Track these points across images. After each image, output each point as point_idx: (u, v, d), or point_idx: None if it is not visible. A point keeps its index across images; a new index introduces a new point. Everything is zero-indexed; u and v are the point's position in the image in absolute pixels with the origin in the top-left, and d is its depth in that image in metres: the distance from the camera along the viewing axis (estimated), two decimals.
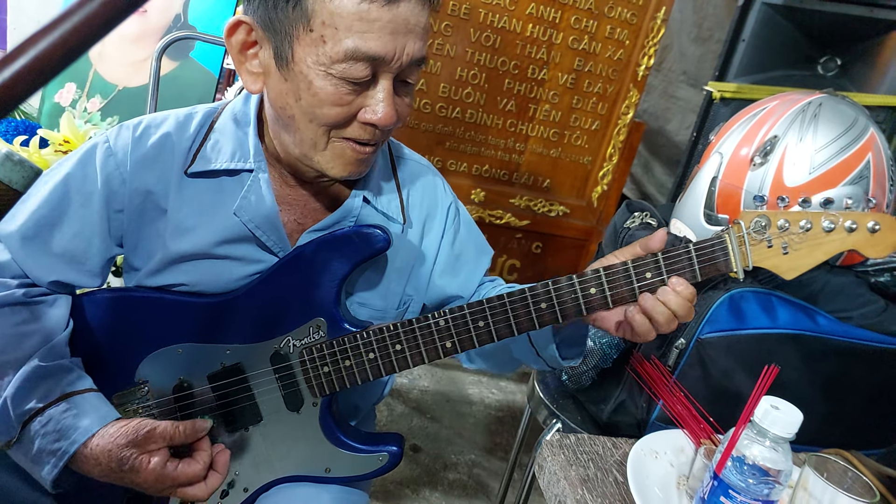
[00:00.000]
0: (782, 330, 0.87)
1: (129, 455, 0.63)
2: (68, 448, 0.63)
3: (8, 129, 1.42)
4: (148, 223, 0.73)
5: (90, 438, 0.63)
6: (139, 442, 0.64)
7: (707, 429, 0.77)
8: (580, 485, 0.69)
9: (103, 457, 0.63)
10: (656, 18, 1.92)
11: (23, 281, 0.71)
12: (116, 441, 0.63)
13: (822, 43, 1.77)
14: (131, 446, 0.64)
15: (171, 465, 0.65)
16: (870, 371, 0.91)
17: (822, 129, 0.94)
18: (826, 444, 0.87)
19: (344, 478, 0.75)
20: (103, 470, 0.63)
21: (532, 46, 1.86)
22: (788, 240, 0.64)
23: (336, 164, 0.68)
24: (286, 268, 0.72)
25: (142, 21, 1.59)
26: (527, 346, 0.76)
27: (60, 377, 0.66)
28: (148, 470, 0.63)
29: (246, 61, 0.66)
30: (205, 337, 0.73)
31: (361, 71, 0.61)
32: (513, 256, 2.14)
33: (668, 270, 0.65)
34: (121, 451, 0.63)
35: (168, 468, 0.64)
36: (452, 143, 1.94)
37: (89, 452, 0.63)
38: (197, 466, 0.66)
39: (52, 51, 0.28)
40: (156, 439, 0.65)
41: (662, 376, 0.88)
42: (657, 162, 2.96)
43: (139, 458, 0.63)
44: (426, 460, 1.75)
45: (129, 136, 0.72)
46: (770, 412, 0.59)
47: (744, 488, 0.59)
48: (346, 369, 0.71)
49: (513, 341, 0.78)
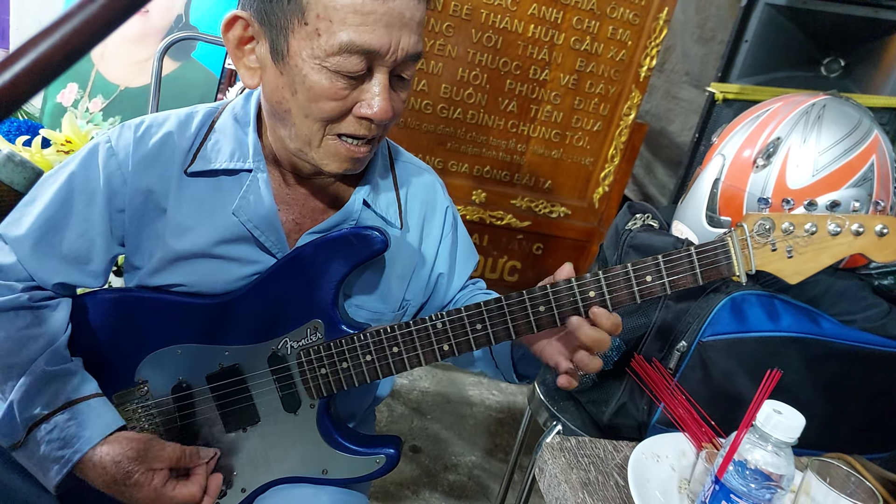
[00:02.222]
0: (785, 333, 0.87)
1: (135, 469, 0.65)
2: (72, 457, 0.64)
3: (10, 129, 1.42)
4: (149, 223, 0.73)
5: (96, 447, 0.65)
6: (147, 459, 0.66)
7: (708, 432, 0.77)
8: (581, 488, 0.68)
9: (111, 466, 0.65)
10: (658, 19, 1.91)
11: (27, 284, 0.71)
12: (126, 454, 0.65)
13: (825, 44, 1.77)
14: (140, 461, 0.65)
15: (170, 486, 0.67)
16: (873, 375, 0.91)
17: (826, 130, 0.93)
18: (829, 448, 0.86)
19: (341, 479, 0.75)
20: (107, 479, 0.65)
21: (534, 47, 1.86)
22: (793, 243, 0.64)
23: (331, 160, 0.68)
24: (284, 269, 0.72)
25: (143, 21, 1.59)
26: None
27: (65, 381, 0.67)
28: (150, 487, 0.65)
29: (243, 56, 0.67)
30: (204, 338, 0.73)
31: (356, 64, 0.61)
32: (514, 257, 2.14)
33: (669, 273, 0.64)
34: (129, 465, 0.65)
35: (167, 488, 0.66)
36: (454, 144, 1.94)
37: (97, 460, 0.65)
38: (194, 488, 0.68)
39: (54, 52, 0.28)
40: (162, 459, 0.67)
41: (664, 379, 0.87)
42: (659, 163, 2.95)
43: (144, 475, 0.65)
44: (426, 461, 1.74)
45: (130, 136, 0.72)
46: (772, 416, 0.58)
47: (745, 493, 0.58)
48: (344, 371, 0.71)
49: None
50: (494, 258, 2.12)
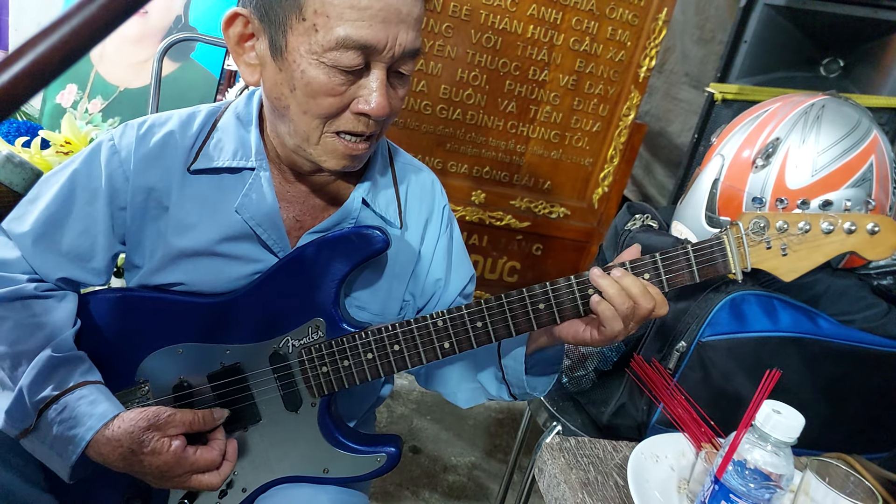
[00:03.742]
0: (784, 333, 0.87)
1: (150, 437, 0.64)
2: (85, 434, 0.63)
3: (10, 130, 1.42)
4: (150, 221, 0.74)
5: (109, 422, 0.64)
6: (161, 425, 0.65)
7: (708, 432, 0.77)
8: (580, 488, 0.68)
9: (125, 438, 0.64)
10: (658, 20, 1.92)
11: (32, 276, 0.72)
12: (138, 424, 0.64)
13: (824, 44, 1.77)
14: (153, 429, 0.65)
15: (190, 450, 0.66)
16: (872, 374, 0.91)
17: (825, 131, 0.93)
18: (828, 447, 0.86)
19: (342, 478, 0.75)
20: (123, 453, 0.64)
21: (533, 48, 1.86)
22: (787, 241, 0.64)
23: (329, 157, 0.68)
24: (285, 268, 0.72)
25: (143, 22, 1.59)
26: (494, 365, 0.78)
27: (74, 366, 0.67)
28: (169, 452, 0.64)
29: (243, 53, 0.67)
30: (205, 337, 0.73)
31: (353, 59, 0.62)
32: (513, 258, 2.14)
33: (667, 271, 0.64)
34: (143, 434, 0.64)
35: (188, 452, 0.66)
36: (453, 145, 1.94)
37: (111, 434, 0.64)
38: (214, 453, 0.68)
39: (53, 53, 0.28)
40: (176, 424, 0.66)
41: (663, 379, 0.87)
42: (658, 164, 2.95)
43: (161, 441, 0.64)
44: (426, 462, 1.74)
45: (133, 135, 0.73)
46: (771, 416, 0.59)
47: (745, 493, 0.58)
48: (345, 369, 0.71)
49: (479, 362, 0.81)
50: (494, 259, 2.12)
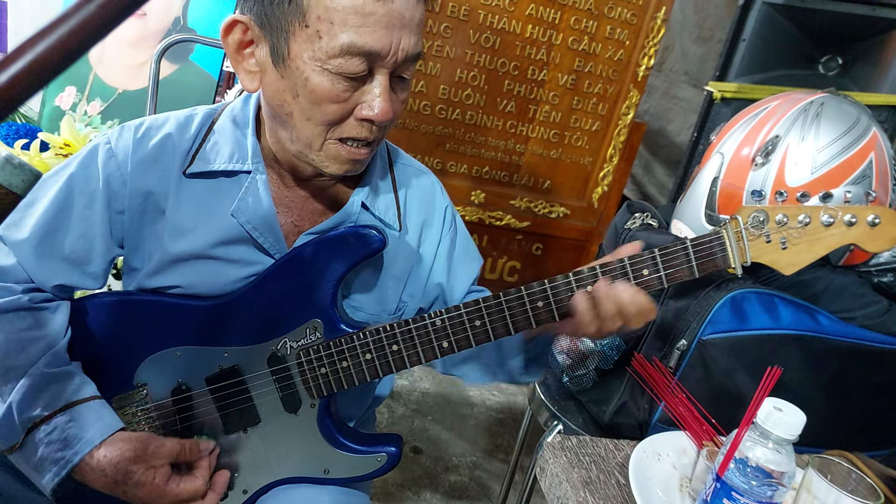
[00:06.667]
0: (785, 330, 0.87)
1: (135, 469, 0.65)
2: (72, 458, 0.63)
3: (9, 132, 1.42)
4: (148, 224, 0.73)
5: (95, 449, 0.64)
6: (147, 457, 0.66)
7: (709, 430, 0.77)
8: (582, 487, 0.68)
9: (110, 468, 0.64)
10: (656, 18, 1.92)
11: (27, 286, 0.71)
12: (124, 454, 0.65)
13: (823, 42, 1.77)
14: (139, 461, 0.65)
15: (173, 482, 0.67)
16: (873, 372, 0.90)
17: (824, 128, 0.93)
18: (829, 445, 0.86)
19: (343, 479, 0.75)
20: (107, 481, 0.64)
21: (532, 47, 1.86)
22: (787, 234, 0.64)
23: (332, 163, 0.68)
24: (282, 269, 0.72)
25: (141, 24, 1.59)
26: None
27: (65, 383, 0.67)
28: (152, 485, 0.65)
29: (243, 60, 0.67)
30: (202, 340, 0.73)
31: (357, 66, 0.61)
32: (513, 258, 2.14)
33: (666, 267, 0.64)
34: (128, 465, 0.64)
35: (170, 484, 0.66)
36: (452, 145, 1.94)
37: (95, 463, 0.64)
38: (198, 482, 0.68)
39: (51, 53, 0.28)
40: (162, 456, 0.67)
41: (664, 377, 0.87)
42: (658, 162, 2.95)
43: (145, 474, 0.65)
44: (427, 462, 1.74)
45: (130, 137, 0.72)
46: (773, 414, 0.58)
47: (747, 490, 0.58)
48: (344, 370, 0.71)
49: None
50: (494, 258, 2.12)
